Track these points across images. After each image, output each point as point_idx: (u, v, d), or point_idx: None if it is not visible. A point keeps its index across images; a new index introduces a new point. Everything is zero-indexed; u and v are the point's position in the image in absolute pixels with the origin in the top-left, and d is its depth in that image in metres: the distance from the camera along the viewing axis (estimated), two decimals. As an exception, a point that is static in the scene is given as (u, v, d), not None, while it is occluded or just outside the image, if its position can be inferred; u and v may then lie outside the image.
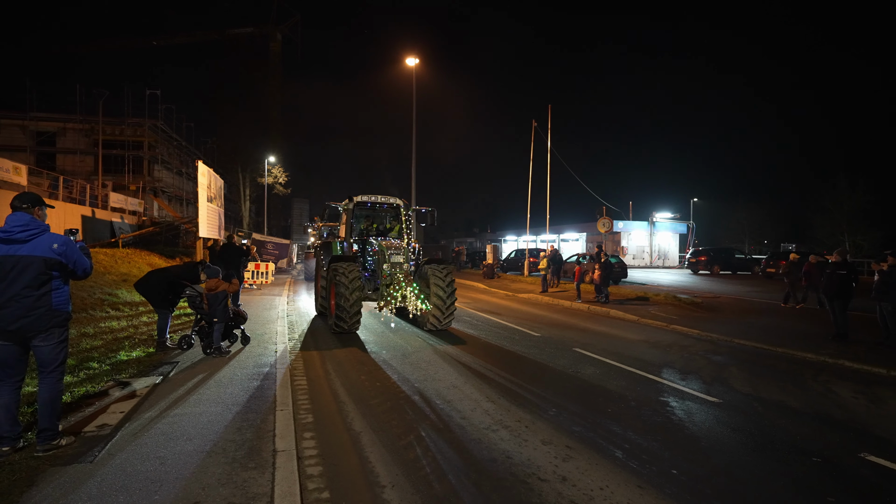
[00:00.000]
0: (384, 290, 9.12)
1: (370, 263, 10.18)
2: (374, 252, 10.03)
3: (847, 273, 9.09)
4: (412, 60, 22.20)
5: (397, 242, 9.94)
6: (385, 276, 9.24)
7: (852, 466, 4.08)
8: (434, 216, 11.13)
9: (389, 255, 9.44)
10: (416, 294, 8.93)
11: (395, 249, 9.57)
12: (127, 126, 33.65)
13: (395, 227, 11.54)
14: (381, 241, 10.12)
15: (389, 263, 9.34)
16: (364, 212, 11.46)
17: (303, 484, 3.43)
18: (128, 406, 4.78)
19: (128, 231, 23.79)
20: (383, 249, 9.56)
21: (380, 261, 9.59)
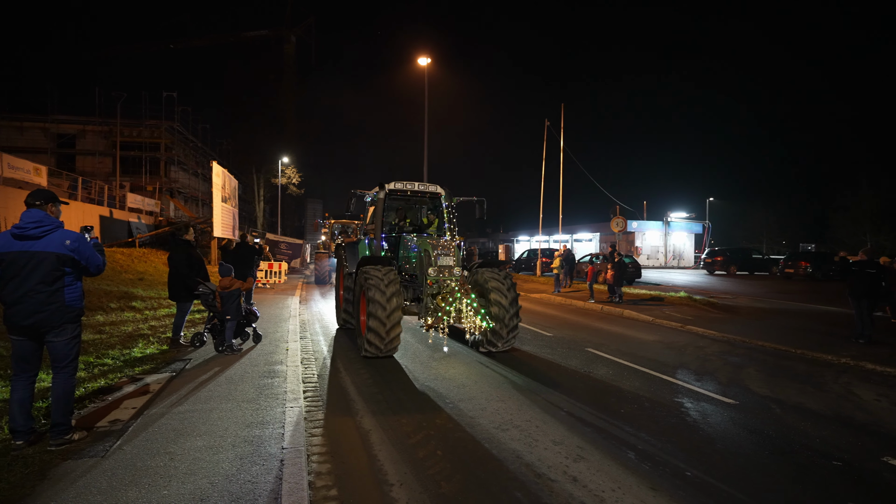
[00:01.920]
0: (429, 301, 7.15)
1: (408, 267, 8.07)
2: (414, 252, 7.96)
3: (876, 272, 8.85)
4: (424, 60, 22.21)
5: (445, 240, 7.79)
6: (431, 283, 7.16)
7: (874, 470, 3.95)
8: (484, 208, 8.96)
9: (437, 256, 7.30)
10: (474, 308, 7.00)
11: (443, 249, 7.43)
12: (144, 128, 34.23)
13: (433, 221, 9.48)
14: (423, 238, 8.17)
15: (436, 267, 7.23)
16: (396, 202, 9.32)
17: (311, 481, 3.42)
18: (140, 402, 4.82)
19: (144, 231, 24.17)
20: (428, 249, 7.39)
21: (422, 264, 7.42)
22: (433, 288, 7.14)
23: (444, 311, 6.89)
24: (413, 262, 7.86)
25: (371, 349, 6.69)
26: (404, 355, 7.48)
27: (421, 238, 8.13)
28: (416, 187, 8.64)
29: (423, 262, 7.35)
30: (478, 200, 8.95)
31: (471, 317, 6.97)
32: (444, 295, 7.02)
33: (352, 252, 9.20)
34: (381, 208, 8.36)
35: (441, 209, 9.08)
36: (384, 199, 8.38)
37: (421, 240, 7.92)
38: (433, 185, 8.80)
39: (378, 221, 8.35)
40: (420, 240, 7.95)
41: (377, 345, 6.60)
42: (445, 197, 8.88)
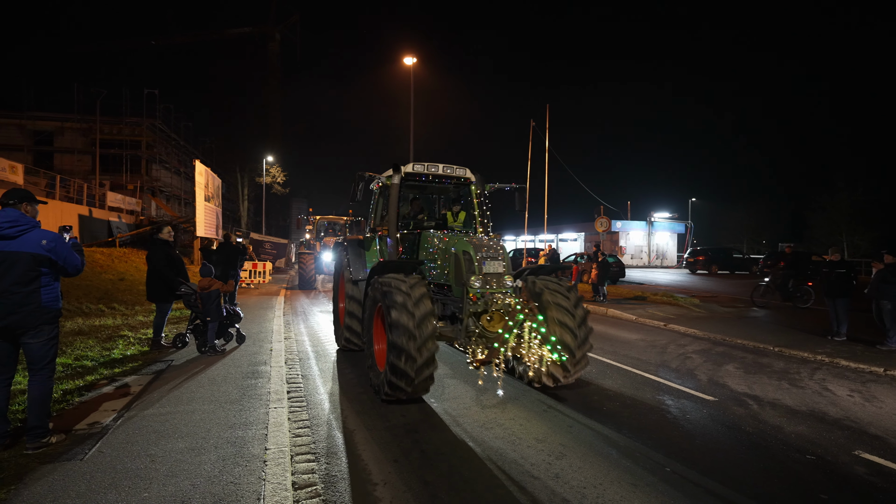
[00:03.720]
0: (471, 322, 5.21)
1: (434, 274, 6.18)
2: (445, 255, 5.91)
3: (846, 271, 9.09)
4: (410, 59, 22.18)
5: (490, 239, 5.91)
6: (475, 298, 5.26)
7: (847, 464, 4.06)
8: (524, 197, 7.27)
9: (481, 260, 5.45)
10: (538, 334, 5.09)
11: (490, 251, 5.56)
12: (125, 125, 33.60)
13: (458, 214, 7.40)
14: (458, 235, 6.18)
15: (481, 276, 5.37)
16: (410, 191, 7.51)
17: (294, 481, 3.41)
18: (120, 404, 4.75)
19: (125, 230, 23.75)
20: (469, 251, 5.50)
21: (460, 270, 5.52)
22: (477, 304, 5.16)
23: (499, 338, 4.96)
24: (440, 268, 5.99)
25: (394, 391, 4.83)
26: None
27: (455, 236, 6.13)
28: (441, 170, 6.83)
29: (463, 267, 5.46)
30: (517, 188, 7.15)
31: (534, 348, 4.99)
32: (494, 314, 5.13)
33: (357, 253, 7.31)
34: (397, 197, 6.43)
35: (471, 199, 7.28)
36: (399, 184, 6.49)
37: (456, 238, 5.90)
38: (461, 167, 7.00)
39: (393, 214, 6.39)
40: (454, 238, 5.95)
41: (402, 386, 4.74)
42: (477, 183, 7.14)
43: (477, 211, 7.20)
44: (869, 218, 39.00)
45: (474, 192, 7.27)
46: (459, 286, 5.53)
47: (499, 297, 5.23)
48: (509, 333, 4.99)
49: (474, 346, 5.04)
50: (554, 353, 5.04)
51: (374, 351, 5.51)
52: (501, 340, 4.98)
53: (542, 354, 5.02)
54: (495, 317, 5.14)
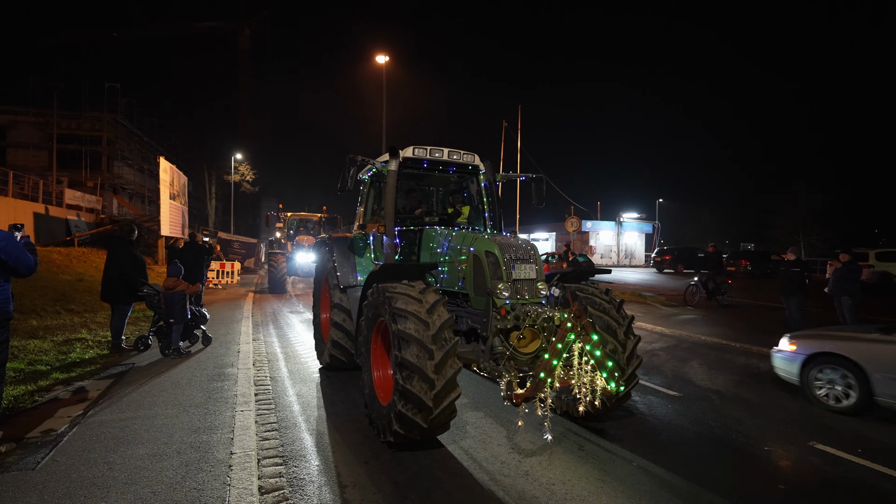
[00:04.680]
0: (497, 342, 4.23)
1: (444, 279, 5.19)
2: (460, 257, 4.86)
3: (800, 270, 9.47)
4: (382, 58, 22.04)
5: (516, 238, 4.89)
6: (504, 312, 4.21)
7: (802, 454, 4.24)
8: (543, 189, 6.06)
9: (509, 263, 4.45)
10: (596, 358, 3.85)
11: (519, 251, 4.55)
12: (84, 120, 32.26)
13: (460, 209, 6.43)
14: (476, 233, 5.02)
15: (510, 283, 4.36)
16: (406, 182, 6.41)
17: (261, 485, 3.34)
18: (77, 410, 4.56)
19: (84, 229, 22.82)
20: (495, 252, 4.47)
21: (483, 276, 4.50)
22: (507, 319, 4.15)
23: (544, 366, 3.70)
24: (452, 273, 4.98)
25: (405, 428, 3.70)
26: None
27: (472, 234, 4.99)
28: (446, 155, 5.84)
29: (486, 272, 4.43)
30: (535, 178, 6.05)
31: (585, 374, 3.83)
32: (527, 331, 4.13)
33: (344, 255, 6.18)
34: (394, 186, 5.38)
35: (479, 190, 6.21)
36: (396, 171, 5.37)
37: (474, 236, 4.82)
38: (468, 153, 6.02)
39: (390, 206, 5.34)
40: (471, 236, 4.86)
41: (416, 421, 3.64)
42: (487, 172, 6.09)
43: (486, 204, 6.13)
44: (824, 219, 40.76)
45: (482, 183, 6.15)
46: (481, 295, 4.50)
47: (532, 310, 4.16)
48: (557, 358, 3.70)
49: (506, 372, 3.93)
50: (611, 383, 3.81)
51: (374, 379, 4.39)
52: (548, 368, 3.68)
53: (599, 383, 3.81)
54: (527, 334, 4.13)
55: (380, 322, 4.34)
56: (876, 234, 49.37)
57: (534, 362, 4.17)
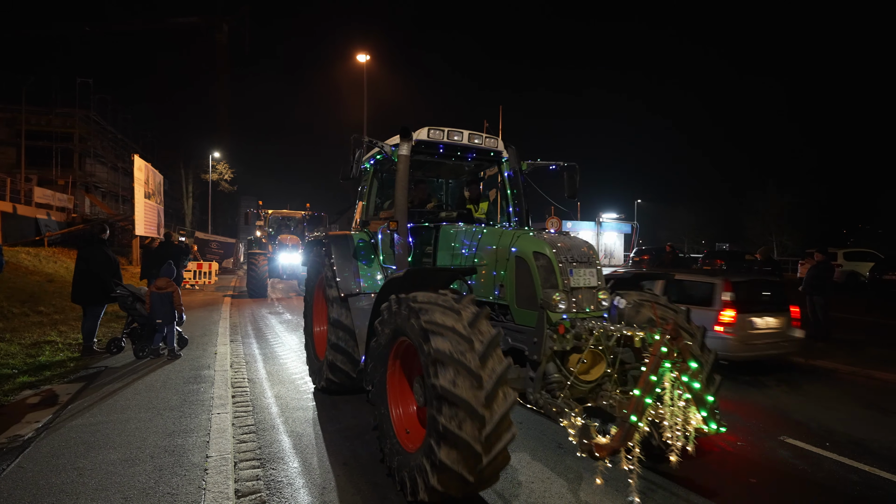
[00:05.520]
0: (552, 367, 3.51)
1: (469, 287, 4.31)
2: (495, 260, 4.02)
3: (771, 270, 9.75)
4: (363, 57, 21.92)
5: (571, 237, 4.00)
6: (562, 331, 3.41)
7: (772, 448, 4.35)
8: (577, 179, 5.22)
9: (566, 267, 3.63)
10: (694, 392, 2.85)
11: (574, 251, 3.74)
12: (55, 116, 31.36)
13: (481, 201, 5.70)
14: (519, 232, 4.03)
15: (566, 292, 3.55)
16: (416, 170, 5.53)
17: (237, 489, 3.29)
18: (45, 414, 4.42)
19: (55, 229, 22.17)
20: (546, 252, 3.64)
21: (522, 284, 3.75)
22: (566, 339, 3.39)
23: (636, 406, 2.83)
24: (483, 278, 4.10)
25: (446, 482, 2.81)
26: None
27: (512, 231, 4.08)
28: (466, 139, 4.91)
29: (536, 278, 3.58)
30: (567, 167, 5.19)
31: (678, 412, 2.88)
32: (589, 352, 3.45)
33: (344, 257, 5.16)
34: (407, 173, 4.51)
35: (503, 180, 5.42)
36: (406, 156, 4.52)
37: (517, 234, 3.92)
38: (490, 136, 5.14)
39: (402, 198, 4.47)
40: (509, 233, 3.99)
41: (461, 473, 2.76)
42: (510, 160, 5.28)
43: (509, 197, 5.36)
44: (796, 220, 41.95)
45: (506, 172, 5.35)
46: (528, 308, 3.61)
47: (597, 326, 3.28)
48: (651, 395, 2.81)
49: (568, 409, 3.11)
50: (712, 423, 2.87)
51: (393, 418, 3.47)
52: (640, 409, 2.78)
53: (689, 423, 2.84)
54: (588, 357, 3.41)
55: (400, 342, 3.41)
56: (844, 234, 51.02)
57: (595, 392, 3.51)
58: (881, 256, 21.00)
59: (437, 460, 2.75)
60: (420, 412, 3.45)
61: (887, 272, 18.72)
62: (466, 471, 2.75)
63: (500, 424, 2.78)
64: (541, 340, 3.41)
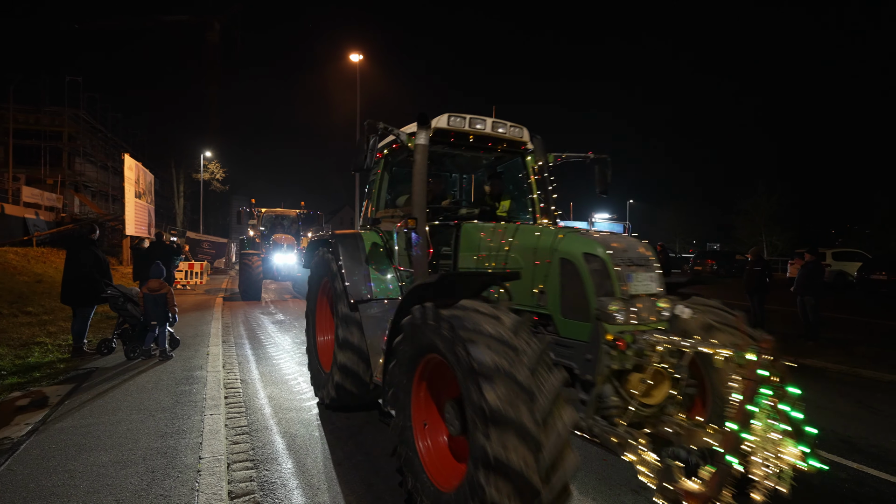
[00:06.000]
0: (610, 389, 2.91)
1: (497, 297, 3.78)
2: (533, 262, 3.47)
3: (762, 269, 9.87)
4: (356, 56, 21.87)
5: (626, 238, 3.43)
6: (623, 345, 2.86)
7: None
8: (608, 173, 4.81)
9: (623, 272, 3.03)
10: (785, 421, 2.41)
11: (630, 253, 3.15)
12: (44, 115, 31.04)
13: (503, 198, 5.13)
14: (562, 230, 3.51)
15: (624, 301, 2.97)
16: (433, 162, 4.89)
17: (231, 490, 3.27)
18: (36, 416, 4.38)
19: (44, 228, 21.91)
20: (599, 255, 3.06)
21: (570, 291, 3.19)
22: (627, 355, 2.90)
23: (731, 441, 2.36)
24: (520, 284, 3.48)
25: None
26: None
27: (553, 229, 3.60)
28: (489, 127, 4.44)
29: (588, 284, 3.07)
30: (598, 159, 4.78)
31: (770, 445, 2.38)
32: (651, 371, 2.89)
33: (353, 258, 4.63)
34: (425, 164, 4.08)
35: (527, 174, 4.96)
36: (426, 146, 4.10)
37: (557, 233, 3.43)
38: (515, 125, 4.63)
39: (421, 191, 4.05)
40: (550, 232, 3.50)
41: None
42: (537, 152, 4.82)
43: (535, 193, 4.86)
44: (785, 220, 42.39)
45: (531, 165, 4.89)
46: (578, 319, 3.09)
47: (662, 339, 2.80)
48: (745, 428, 2.37)
49: (629, 439, 2.61)
50: (813, 460, 2.40)
51: (421, 451, 3.00)
52: (736, 446, 2.34)
53: (784, 458, 2.38)
54: (648, 375, 2.86)
55: (427, 361, 2.92)
56: (833, 234, 51.68)
57: (657, 418, 2.91)
58: (869, 256, 21.29)
59: (484, 498, 2.23)
60: (454, 443, 2.96)
61: (874, 272, 18.99)
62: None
63: (559, 450, 2.26)
64: (596, 357, 2.89)
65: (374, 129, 4.11)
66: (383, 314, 4.10)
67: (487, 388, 2.29)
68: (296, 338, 8.69)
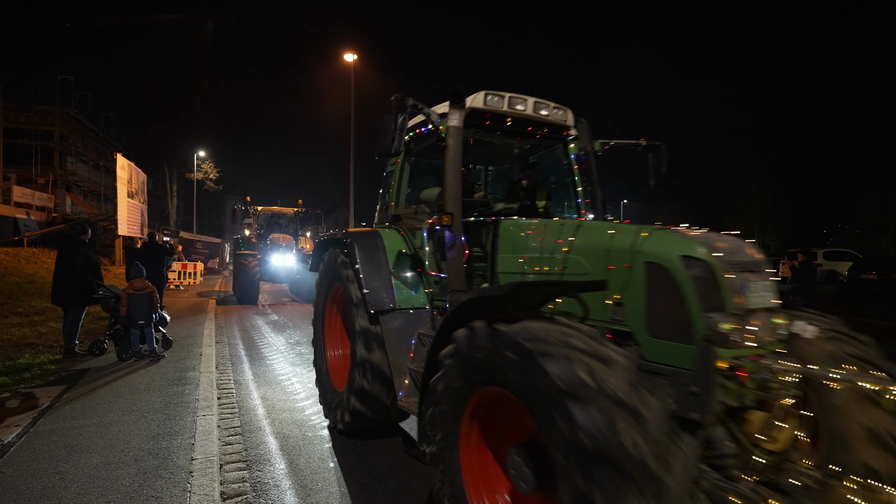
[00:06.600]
0: (723, 431, 2.16)
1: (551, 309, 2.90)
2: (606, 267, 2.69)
3: None
4: (350, 56, 21.84)
5: (730, 237, 2.64)
6: (745, 375, 2.12)
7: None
8: (664, 163, 4.21)
9: (737, 281, 2.30)
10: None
11: (737, 257, 2.41)
12: (34, 113, 30.72)
13: (538, 191, 4.50)
14: (647, 228, 2.63)
15: (740, 319, 2.25)
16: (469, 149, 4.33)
17: (223, 491, 3.27)
18: (26, 418, 4.35)
19: (35, 228, 21.74)
20: (707, 260, 2.30)
21: (663, 304, 2.41)
22: (746, 389, 2.16)
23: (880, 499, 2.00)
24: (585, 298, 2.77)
25: None
26: None
27: (628, 226, 2.82)
28: (531, 109, 3.84)
29: (690, 296, 2.31)
30: (651, 146, 4.18)
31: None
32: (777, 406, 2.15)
33: (373, 261, 4.02)
34: (460, 150, 3.46)
35: (569, 163, 4.32)
36: (461, 128, 3.46)
37: (637, 231, 2.67)
38: (559, 106, 4.03)
39: (454, 183, 3.39)
40: (628, 229, 2.75)
41: None
42: (581, 138, 4.20)
43: (579, 186, 4.27)
44: (777, 220, 42.75)
45: (572, 155, 4.28)
46: (671, 338, 2.39)
47: (793, 368, 2.19)
48: None
49: (759, 501, 2.00)
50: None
51: None
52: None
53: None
54: (775, 413, 2.20)
55: (482, 395, 2.30)
56: (824, 234, 52.15)
57: (780, 468, 2.21)
58: (859, 256, 21.52)
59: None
60: (518, 499, 2.34)
61: (865, 271, 19.19)
62: None
63: (687, 496, 1.67)
64: (708, 391, 2.13)
65: (402, 106, 3.45)
66: (408, 327, 3.68)
67: (580, 413, 1.69)
68: (290, 337, 8.68)
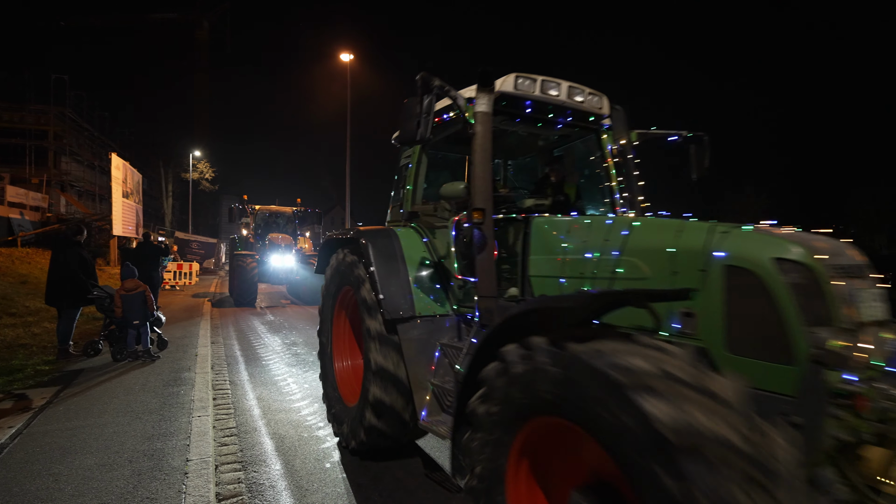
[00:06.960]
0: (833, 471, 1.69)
1: None
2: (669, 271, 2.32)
3: None
4: (346, 56, 21.81)
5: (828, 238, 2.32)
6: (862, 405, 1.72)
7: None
8: (706, 155, 3.86)
9: (847, 289, 1.94)
10: None
11: (841, 261, 2.05)
12: (28, 113, 30.52)
13: (566, 186, 4.14)
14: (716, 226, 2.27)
15: (853, 335, 1.87)
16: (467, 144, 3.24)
17: (218, 492, 3.26)
18: (19, 419, 4.32)
19: (29, 228, 21.61)
20: (808, 263, 1.95)
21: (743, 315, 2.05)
22: (863, 421, 1.73)
23: None
24: None
25: None
26: None
27: (701, 224, 2.40)
28: (565, 94, 3.50)
29: (787, 308, 1.91)
30: (693, 137, 3.85)
31: None
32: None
33: (390, 264, 3.65)
34: (489, 138, 3.04)
35: (604, 155, 3.98)
36: (490, 114, 3.04)
37: (712, 228, 2.27)
38: (594, 92, 3.69)
39: (483, 175, 2.99)
40: (699, 227, 2.34)
41: None
42: (616, 127, 3.86)
43: (615, 180, 3.95)
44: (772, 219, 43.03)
45: (607, 146, 3.95)
46: (760, 356, 2.01)
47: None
48: None
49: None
50: None
51: None
52: None
53: None
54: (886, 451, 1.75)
55: (535, 426, 1.89)
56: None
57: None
58: (854, 256, 21.59)
59: None
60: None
61: (859, 271, 19.27)
62: None
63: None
64: (817, 423, 1.77)
65: (428, 86, 2.96)
66: (429, 336, 3.38)
67: (703, 473, 1.26)
68: (287, 338, 8.67)
